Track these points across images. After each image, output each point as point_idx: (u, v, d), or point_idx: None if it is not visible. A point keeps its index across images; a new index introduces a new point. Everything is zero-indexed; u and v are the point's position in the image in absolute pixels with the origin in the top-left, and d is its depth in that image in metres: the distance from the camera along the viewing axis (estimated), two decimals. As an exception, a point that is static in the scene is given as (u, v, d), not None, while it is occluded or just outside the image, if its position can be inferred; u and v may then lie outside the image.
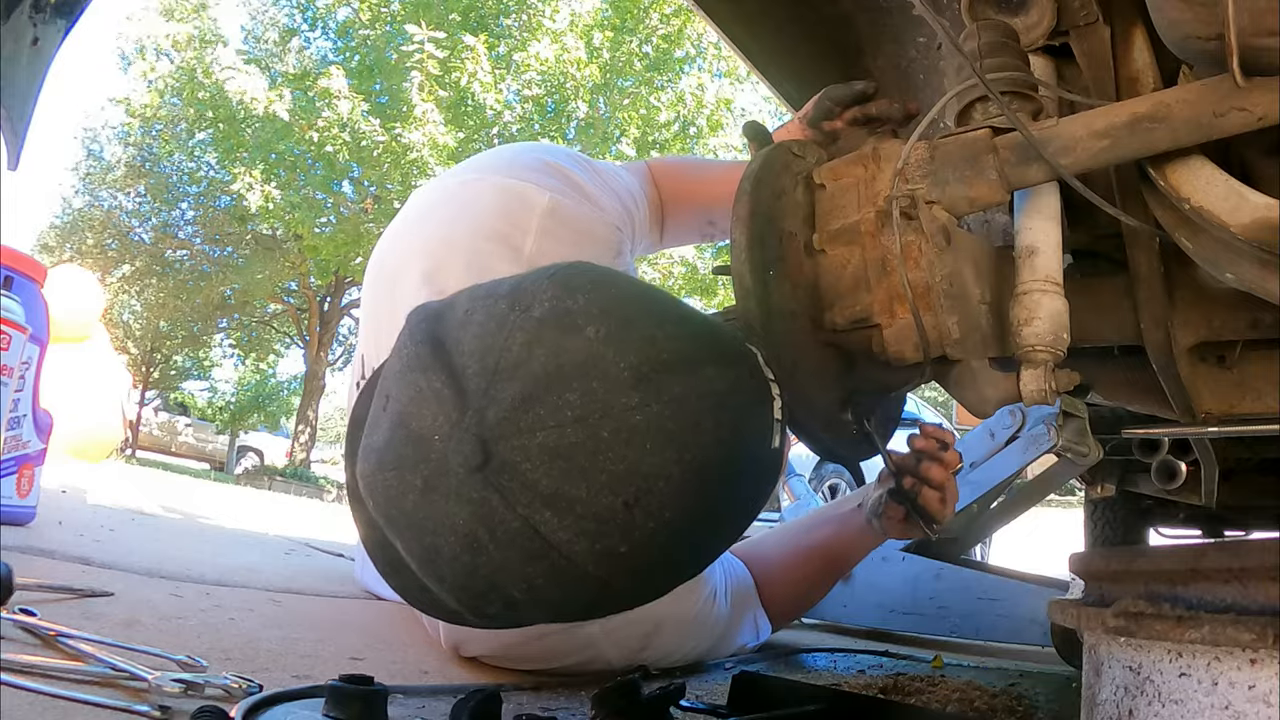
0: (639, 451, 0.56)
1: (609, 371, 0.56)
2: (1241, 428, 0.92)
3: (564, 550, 0.56)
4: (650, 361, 0.58)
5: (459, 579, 0.59)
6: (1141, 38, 0.76)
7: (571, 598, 0.60)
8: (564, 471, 0.55)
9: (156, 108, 13.22)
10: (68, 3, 0.72)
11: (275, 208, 10.93)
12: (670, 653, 1.10)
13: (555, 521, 0.55)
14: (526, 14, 10.75)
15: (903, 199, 0.71)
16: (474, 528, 0.56)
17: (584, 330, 0.58)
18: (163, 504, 3.19)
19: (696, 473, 0.58)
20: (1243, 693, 0.42)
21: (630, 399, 0.56)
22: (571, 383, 0.56)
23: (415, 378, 0.59)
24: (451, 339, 0.60)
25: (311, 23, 13.36)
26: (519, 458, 0.55)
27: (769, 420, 0.66)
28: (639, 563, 0.58)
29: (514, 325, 0.58)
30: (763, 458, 0.66)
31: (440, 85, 10.05)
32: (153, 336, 17.25)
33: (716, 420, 0.60)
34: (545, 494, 0.55)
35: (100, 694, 0.69)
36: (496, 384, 0.56)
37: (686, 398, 0.58)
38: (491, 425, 0.55)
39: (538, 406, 0.55)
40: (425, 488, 0.57)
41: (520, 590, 0.58)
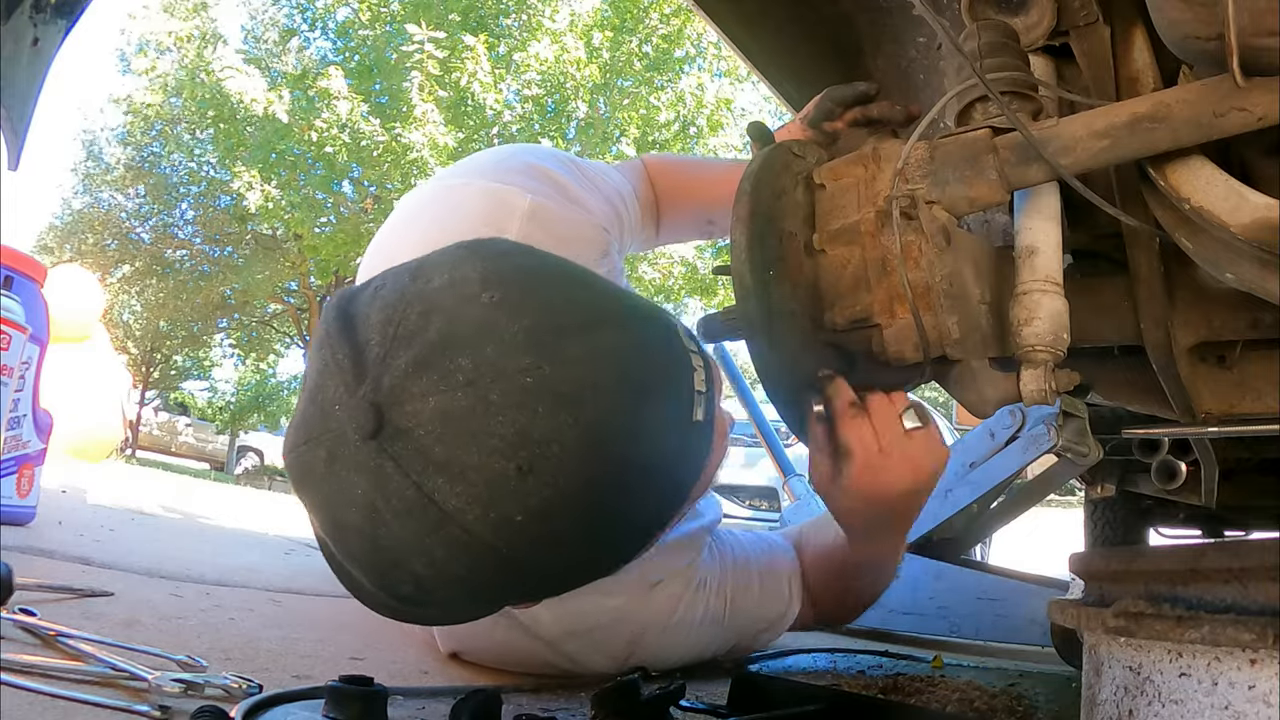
0: (530, 415, 0.55)
1: (502, 336, 0.56)
2: (1241, 428, 0.92)
3: (459, 519, 0.55)
4: (545, 325, 0.58)
5: (365, 555, 0.59)
6: (1141, 38, 0.76)
7: (476, 571, 0.59)
8: (455, 436, 0.54)
9: (157, 106, 13.22)
10: (68, 3, 0.72)
11: (275, 208, 10.93)
12: (662, 657, 1.09)
13: (448, 489, 0.55)
14: (526, 14, 10.75)
15: (903, 199, 0.71)
16: (372, 497, 0.56)
17: (479, 297, 0.57)
18: (163, 504, 3.19)
19: (594, 436, 0.57)
20: (1243, 693, 0.42)
21: (521, 361, 0.55)
22: (464, 348, 0.55)
23: (324, 354, 0.59)
24: (360, 314, 0.60)
25: (311, 23, 13.36)
26: (411, 423, 0.55)
27: (685, 389, 0.65)
28: (539, 532, 0.57)
29: (414, 295, 0.58)
30: (679, 428, 0.64)
31: (440, 85, 10.04)
32: (153, 336, 17.25)
33: (614, 383, 0.59)
34: (438, 460, 0.54)
35: (100, 694, 0.69)
36: (393, 352, 0.56)
37: (581, 359, 0.58)
38: (386, 392, 0.55)
39: (431, 371, 0.55)
40: (328, 459, 0.57)
41: (423, 564, 0.58)
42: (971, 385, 0.81)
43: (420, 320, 0.57)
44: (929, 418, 0.86)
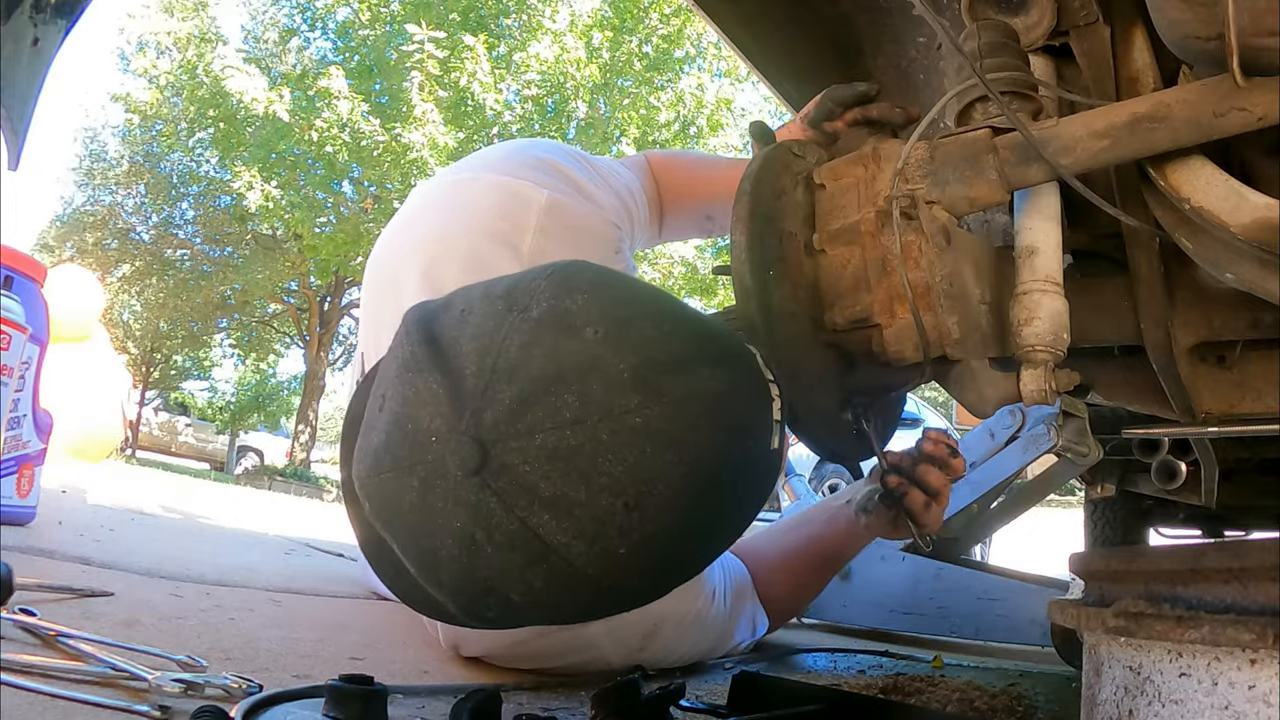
0: (638, 454, 0.55)
1: (608, 373, 0.56)
2: (1241, 428, 0.92)
3: (563, 553, 0.55)
4: (649, 363, 0.57)
5: (457, 582, 0.58)
6: (1141, 38, 0.76)
7: (570, 600, 0.59)
8: (563, 474, 0.55)
9: (157, 105, 13.21)
10: (68, 3, 0.72)
11: (275, 207, 10.93)
12: (669, 652, 1.10)
13: (554, 524, 0.55)
14: (526, 14, 10.75)
15: (903, 199, 0.71)
16: (472, 530, 0.55)
17: (582, 331, 0.57)
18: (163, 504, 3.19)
19: (696, 475, 0.58)
20: (1243, 693, 0.42)
21: (629, 401, 0.56)
22: (570, 385, 0.55)
23: (412, 378, 0.58)
24: (448, 339, 0.59)
25: (311, 23, 13.36)
26: (517, 460, 0.54)
27: (768, 421, 0.66)
28: (638, 564, 0.58)
29: (511, 326, 0.58)
30: (762, 458, 0.65)
31: (440, 85, 10.05)
32: (153, 336, 17.25)
33: (715, 422, 0.60)
34: (544, 497, 0.55)
35: (100, 694, 0.69)
36: (494, 385, 0.56)
37: (686, 399, 0.58)
38: (489, 427, 0.55)
39: (536, 409, 0.55)
40: (423, 489, 0.56)
41: (519, 593, 0.57)
42: (971, 385, 0.81)
43: (521, 354, 0.56)
44: None
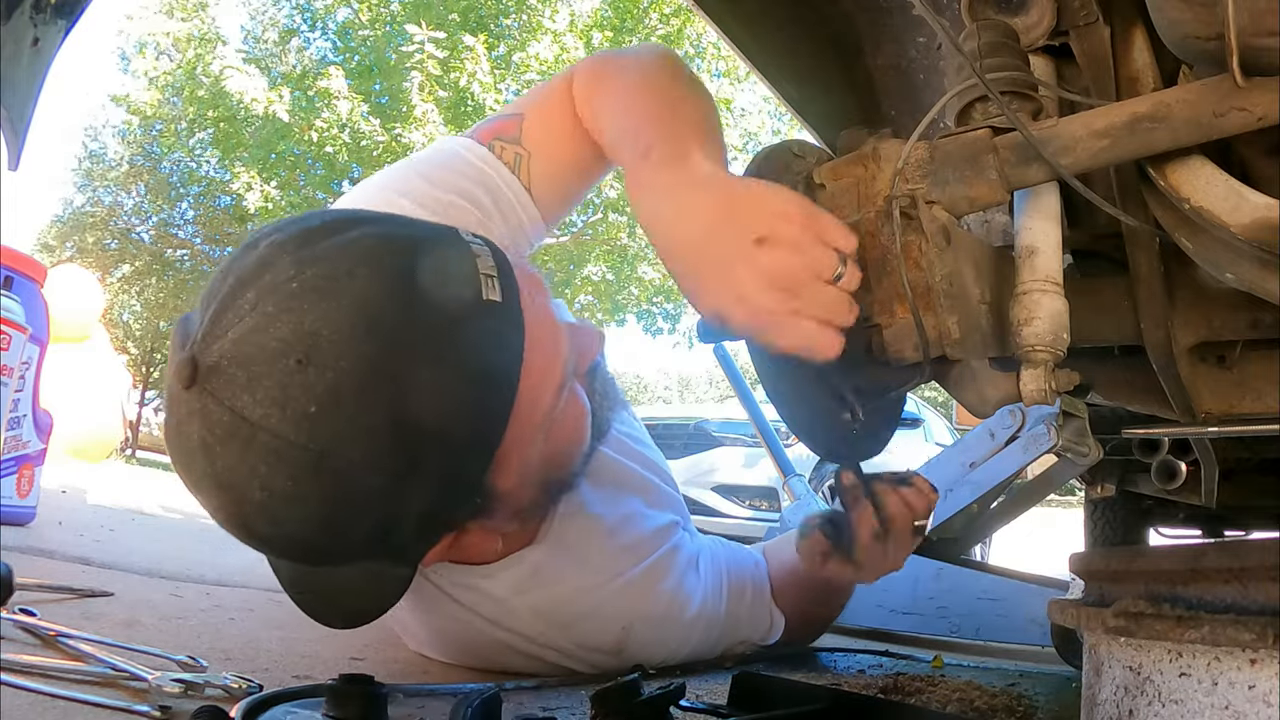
0: (299, 313, 0.61)
1: (276, 264, 0.64)
2: (1241, 428, 0.92)
3: (265, 425, 0.61)
4: (308, 240, 0.65)
5: (212, 496, 0.65)
6: (1141, 38, 0.76)
7: (298, 479, 0.63)
8: (247, 355, 0.61)
9: (157, 105, 13.21)
10: (68, 3, 0.72)
11: (275, 208, 10.92)
12: (653, 650, 1.10)
13: (251, 401, 0.61)
14: (526, 14, 10.75)
15: (903, 199, 0.71)
16: (203, 435, 0.62)
17: (260, 245, 0.66)
18: (163, 504, 3.19)
19: (359, 316, 0.62)
20: (1243, 693, 0.42)
21: (289, 273, 0.63)
22: (250, 284, 0.63)
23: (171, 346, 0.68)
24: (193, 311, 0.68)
25: (311, 23, 13.36)
26: (216, 358, 0.62)
27: (462, 267, 0.68)
28: (337, 421, 0.62)
29: (224, 269, 0.67)
30: (465, 303, 0.67)
31: (440, 85, 10.05)
32: (153, 336, 17.24)
33: (374, 266, 0.65)
34: (240, 381, 0.61)
35: (100, 694, 0.69)
36: (205, 314, 0.64)
37: (337, 254, 0.64)
38: (198, 344, 0.63)
39: (227, 314, 0.63)
40: (176, 424, 0.65)
41: (257, 487, 0.63)
42: (971, 385, 0.81)
43: (219, 282, 0.66)
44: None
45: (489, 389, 0.69)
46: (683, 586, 1.12)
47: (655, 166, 0.77)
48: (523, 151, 0.96)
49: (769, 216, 0.68)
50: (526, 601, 1.01)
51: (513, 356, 0.70)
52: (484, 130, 0.99)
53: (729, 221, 0.69)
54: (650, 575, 1.09)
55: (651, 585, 1.08)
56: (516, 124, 0.97)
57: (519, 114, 0.99)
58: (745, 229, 0.68)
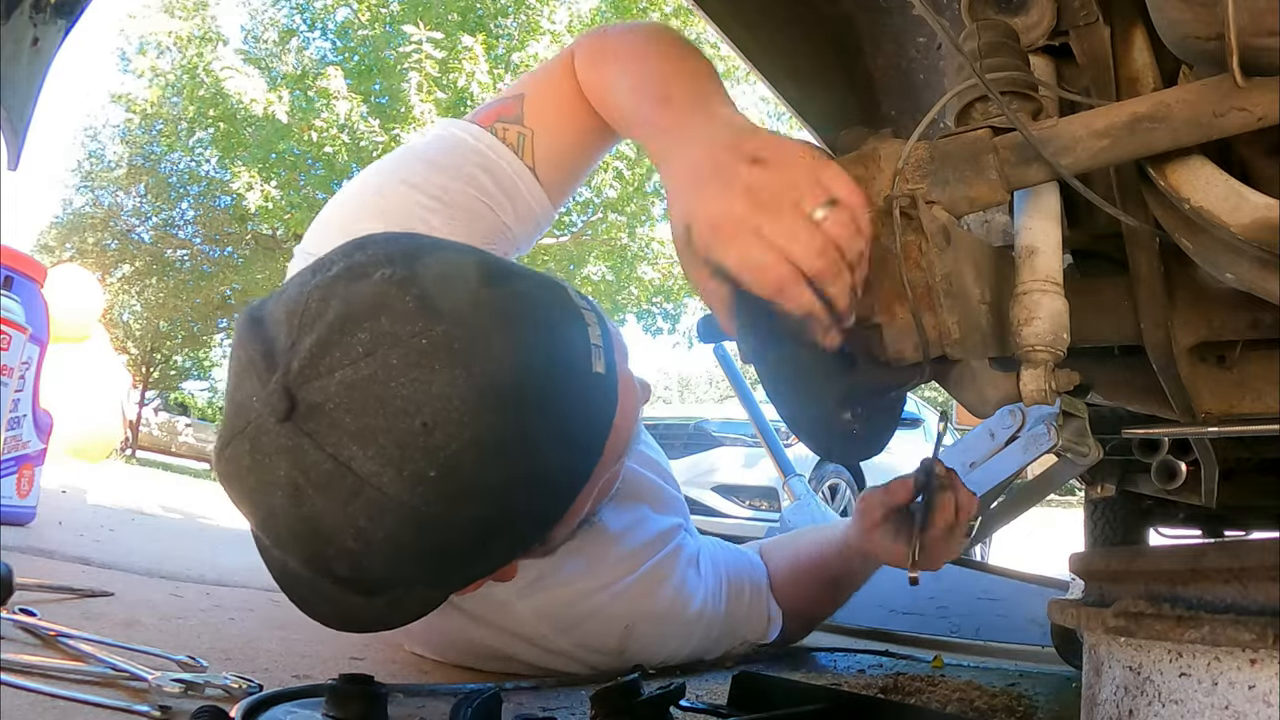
0: (428, 373, 0.58)
1: (394, 306, 0.60)
2: (1241, 428, 0.92)
3: (375, 482, 0.58)
4: (433, 290, 0.61)
5: (294, 536, 0.61)
6: (1141, 38, 0.76)
7: (400, 536, 0.61)
8: (362, 404, 0.58)
9: (157, 105, 13.20)
10: (68, 3, 0.72)
11: (275, 207, 10.92)
12: (654, 650, 1.10)
13: (362, 454, 0.58)
14: (525, 14, 10.75)
15: (903, 199, 0.71)
16: (294, 476, 0.58)
17: (372, 276, 0.61)
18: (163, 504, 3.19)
19: (487, 384, 0.60)
20: (1243, 693, 0.42)
21: (415, 325, 0.59)
22: (361, 322, 0.59)
23: (237, 355, 0.63)
24: (267, 313, 0.64)
25: (310, 23, 13.36)
26: (320, 398, 0.58)
27: (581, 342, 0.68)
28: (453, 486, 0.60)
29: (313, 285, 0.62)
30: (578, 375, 0.67)
31: (439, 86, 10.04)
32: (153, 336, 17.24)
33: (503, 335, 0.62)
34: (350, 430, 0.58)
35: (100, 694, 0.69)
36: (299, 339, 0.60)
37: (469, 315, 0.61)
38: (295, 375, 0.58)
39: (334, 349, 0.59)
40: (251, 449, 0.60)
41: (351, 536, 0.60)
42: (971, 385, 0.81)
43: (320, 305, 0.60)
44: None
45: (583, 458, 0.71)
46: (684, 586, 1.12)
47: (679, 109, 0.77)
48: (525, 130, 0.94)
49: (774, 146, 0.66)
50: (529, 604, 1.01)
51: (605, 426, 0.72)
52: (485, 114, 0.97)
53: (735, 146, 0.67)
54: (652, 576, 1.09)
55: (654, 586, 1.09)
56: (517, 103, 0.96)
57: (519, 94, 0.97)
58: (748, 151, 0.66)
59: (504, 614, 1.01)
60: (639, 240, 11.54)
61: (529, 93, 0.97)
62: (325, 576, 0.64)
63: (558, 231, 11.34)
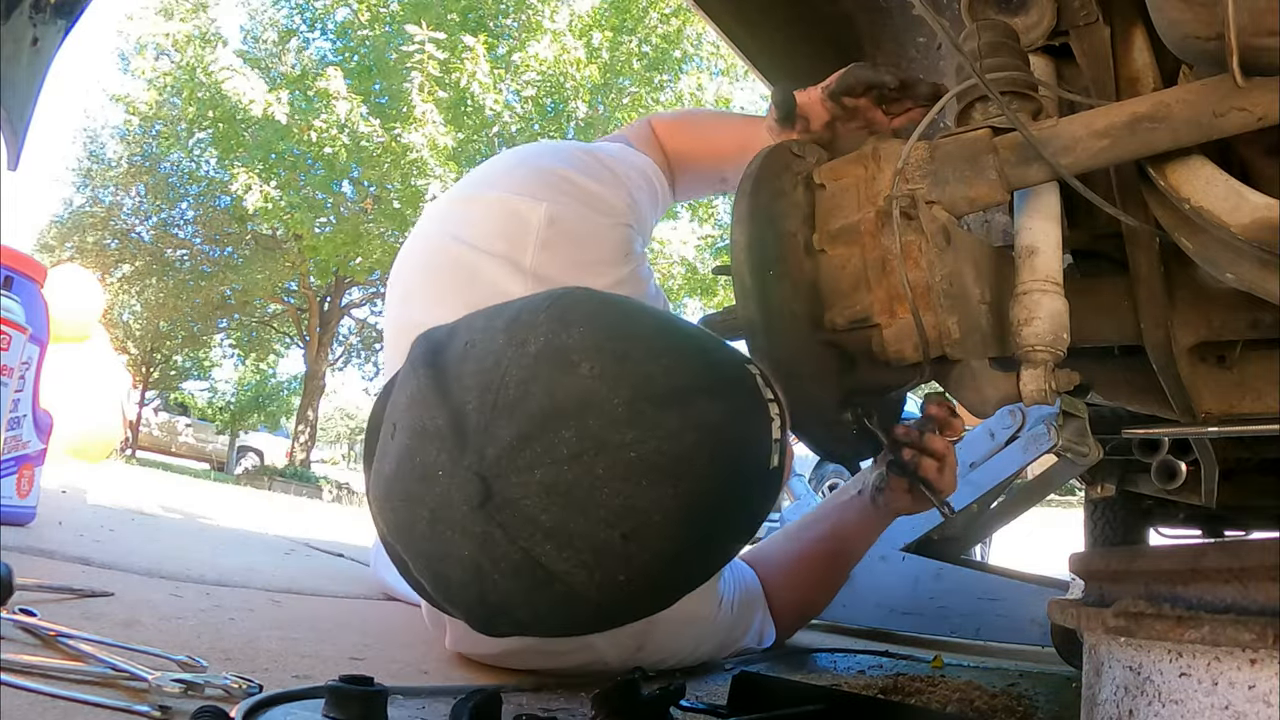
0: (634, 486, 0.57)
1: (603, 408, 0.58)
2: (1241, 428, 0.92)
3: (565, 580, 0.58)
4: (644, 396, 0.59)
5: (467, 604, 0.62)
6: (1141, 38, 0.76)
7: (575, 620, 0.63)
8: (562, 507, 0.57)
9: (157, 106, 13.21)
10: (68, 3, 0.72)
11: (275, 208, 10.92)
12: (668, 652, 1.10)
13: (555, 554, 0.57)
14: (526, 14, 10.75)
15: (903, 199, 0.71)
16: (478, 559, 0.58)
17: (579, 367, 0.59)
18: (163, 504, 3.19)
19: (692, 503, 0.60)
20: (1243, 693, 0.42)
21: (625, 435, 0.57)
22: (568, 421, 0.57)
23: (419, 413, 0.61)
24: (452, 372, 0.61)
25: (311, 23, 13.36)
26: (518, 494, 0.57)
27: (767, 443, 0.67)
28: (638, 588, 0.61)
29: (510, 361, 0.59)
30: (761, 478, 0.67)
31: (440, 85, 10.04)
32: (153, 336, 17.24)
33: (711, 452, 0.61)
34: (545, 528, 0.57)
35: (100, 694, 0.68)
36: (495, 422, 0.58)
37: (680, 432, 0.60)
38: (491, 463, 0.57)
39: (535, 444, 0.57)
40: (432, 519, 0.59)
41: (526, 614, 0.61)
42: (971, 385, 0.81)
43: (520, 390, 0.58)
44: None
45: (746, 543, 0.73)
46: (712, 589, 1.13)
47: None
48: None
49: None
50: None
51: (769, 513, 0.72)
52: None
53: None
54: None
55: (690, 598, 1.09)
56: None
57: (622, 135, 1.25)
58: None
59: None
60: (639, 240, 11.52)
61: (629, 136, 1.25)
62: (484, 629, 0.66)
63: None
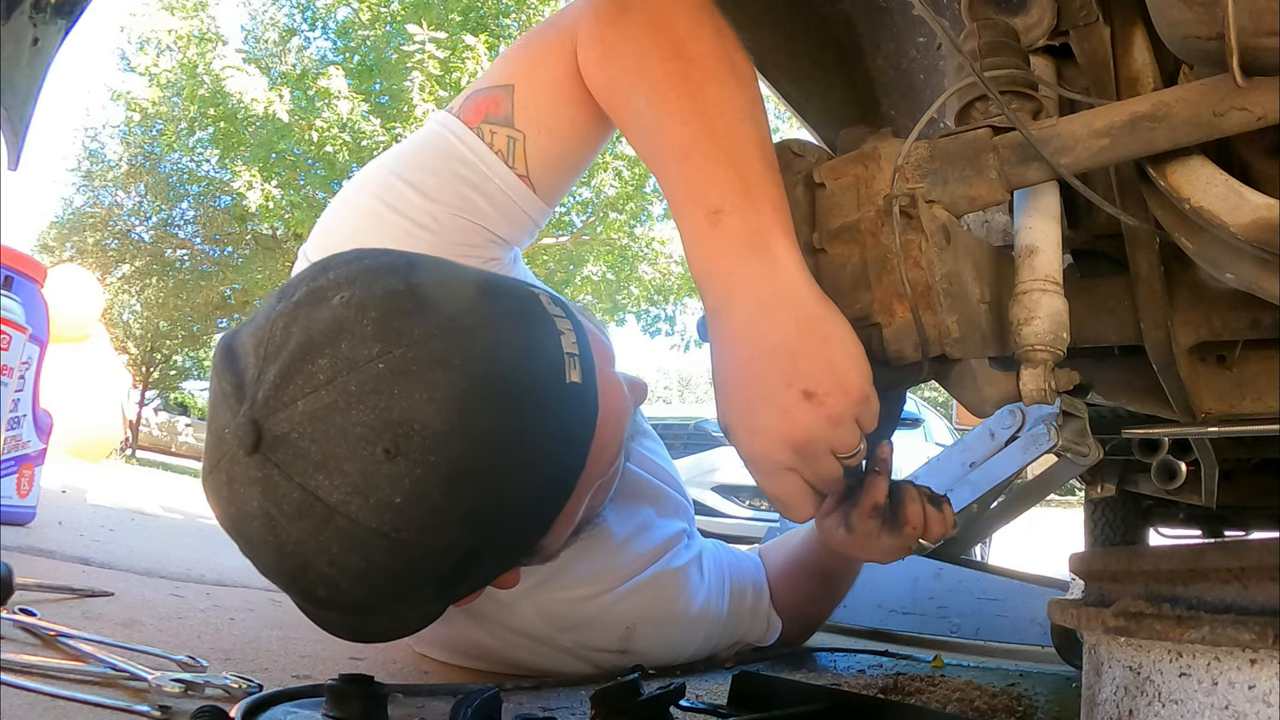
0: (387, 399, 0.57)
1: (353, 330, 0.59)
2: (1241, 428, 0.92)
3: (343, 510, 0.58)
4: (392, 312, 0.60)
5: (273, 563, 0.62)
6: (1141, 37, 0.76)
7: (373, 562, 0.60)
8: (324, 434, 0.57)
9: (158, 104, 13.20)
10: (68, 3, 0.72)
11: (275, 207, 10.92)
12: (657, 653, 1.10)
13: (328, 483, 0.57)
14: (526, 14, 10.76)
15: (902, 198, 0.71)
16: (266, 506, 0.59)
17: (331, 300, 0.61)
18: (163, 504, 3.19)
19: (451, 408, 0.59)
20: (1243, 693, 0.42)
21: (372, 350, 0.58)
22: (321, 349, 0.58)
23: (213, 384, 0.63)
24: (239, 343, 0.63)
25: (311, 23, 13.36)
26: (285, 429, 0.58)
27: (550, 351, 0.66)
28: (422, 512, 0.59)
29: (277, 313, 0.62)
30: (553, 389, 0.66)
31: (441, 85, 10.05)
32: (153, 336, 17.24)
33: (464, 353, 0.60)
34: (315, 460, 0.57)
35: (100, 694, 0.69)
36: (265, 369, 0.59)
37: (427, 338, 0.60)
38: (260, 405, 0.58)
39: (296, 378, 0.58)
40: (228, 480, 0.60)
41: (326, 563, 0.60)
42: (971, 385, 0.81)
43: (284, 333, 0.60)
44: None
45: (564, 469, 0.69)
46: (687, 587, 1.13)
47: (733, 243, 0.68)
48: (515, 134, 0.85)
49: (828, 377, 0.67)
50: (532, 604, 1.01)
51: (586, 435, 0.70)
52: (469, 107, 0.87)
53: (790, 360, 0.67)
54: (657, 579, 1.09)
55: (658, 588, 1.09)
56: (506, 98, 0.85)
57: (508, 84, 0.86)
58: (800, 377, 0.66)
59: (507, 614, 1.01)
60: (639, 240, 11.54)
61: (518, 83, 0.85)
62: (308, 600, 0.65)
63: (558, 231, 11.34)
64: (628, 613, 1.06)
